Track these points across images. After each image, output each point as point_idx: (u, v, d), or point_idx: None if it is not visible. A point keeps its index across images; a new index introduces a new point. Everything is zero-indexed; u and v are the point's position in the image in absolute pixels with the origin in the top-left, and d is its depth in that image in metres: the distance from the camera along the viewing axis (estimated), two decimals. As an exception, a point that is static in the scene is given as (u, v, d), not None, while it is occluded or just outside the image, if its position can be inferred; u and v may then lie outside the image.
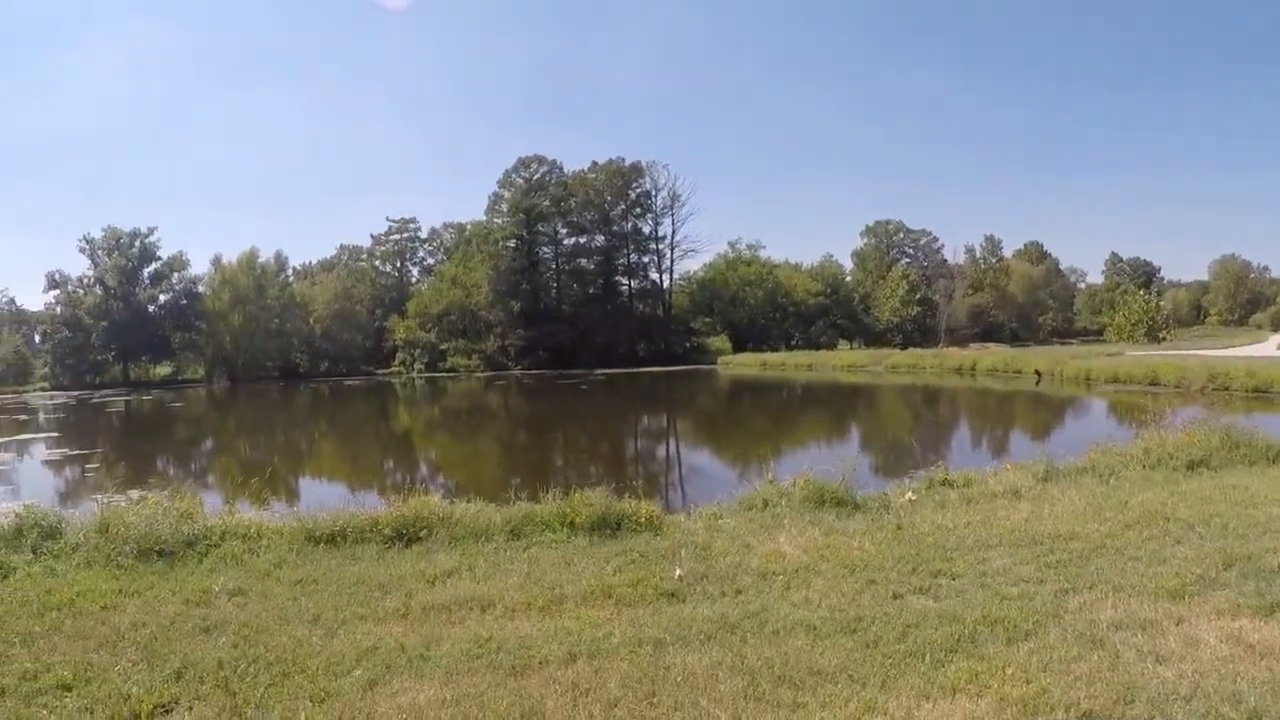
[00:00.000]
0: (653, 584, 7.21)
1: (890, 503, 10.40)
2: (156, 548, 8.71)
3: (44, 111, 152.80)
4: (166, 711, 5.05)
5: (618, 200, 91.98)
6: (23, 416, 48.56)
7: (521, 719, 4.80)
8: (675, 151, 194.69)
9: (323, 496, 15.05)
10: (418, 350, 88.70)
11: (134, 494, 14.89)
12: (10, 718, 4.93)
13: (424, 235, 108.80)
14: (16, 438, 35.29)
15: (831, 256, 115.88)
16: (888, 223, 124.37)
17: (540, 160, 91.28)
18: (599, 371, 71.75)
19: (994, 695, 4.89)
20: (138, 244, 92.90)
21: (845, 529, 9.03)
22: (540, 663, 5.59)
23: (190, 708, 5.06)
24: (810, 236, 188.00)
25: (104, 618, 6.83)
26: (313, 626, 6.45)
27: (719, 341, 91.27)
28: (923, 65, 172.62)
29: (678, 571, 7.45)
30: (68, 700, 5.21)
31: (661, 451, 27.24)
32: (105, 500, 13.91)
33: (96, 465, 24.24)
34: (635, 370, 72.86)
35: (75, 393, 76.26)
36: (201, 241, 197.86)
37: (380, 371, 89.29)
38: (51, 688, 5.41)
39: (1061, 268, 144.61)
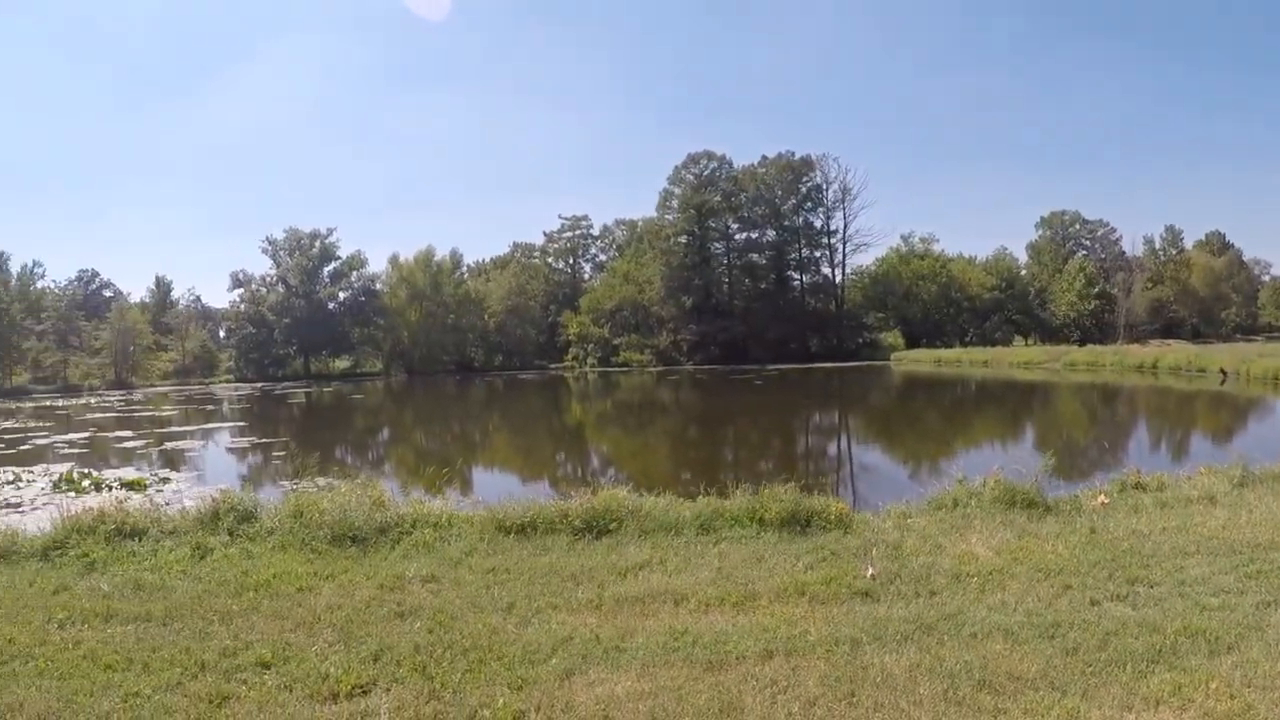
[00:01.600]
0: (845, 582, 8.19)
1: (1082, 505, 11.48)
2: (350, 534, 10.25)
3: (231, 121, 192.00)
4: (364, 692, 6.02)
5: (788, 194, 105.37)
6: (210, 406, 58.34)
7: (720, 714, 5.49)
8: (841, 145, 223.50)
9: (496, 487, 16.83)
10: (590, 345, 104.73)
11: (321, 481, 16.50)
12: (212, 692, 6.09)
13: (595, 232, 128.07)
14: (205, 426, 43.00)
15: (1005, 249, 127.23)
16: (1063, 213, 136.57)
17: (709, 156, 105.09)
18: (771, 367, 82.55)
19: (1198, 709, 5.32)
20: (318, 244, 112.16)
21: (1037, 531, 10.10)
22: (737, 658, 6.37)
23: (388, 689, 6.01)
24: (983, 228, 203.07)
25: (300, 599, 8.21)
26: (506, 615, 7.50)
27: (892, 337, 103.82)
28: (1095, 50, 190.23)
29: (870, 570, 8.46)
30: (267, 677, 6.32)
31: (833, 449, 30.26)
32: (295, 487, 15.28)
33: (283, 453, 28.90)
34: (807, 366, 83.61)
35: (258, 385, 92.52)
36: (379, 241, 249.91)
37: (554, 366, 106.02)
38: (251, 665, 6.55)
39: (1245, 259, 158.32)
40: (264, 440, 33.50)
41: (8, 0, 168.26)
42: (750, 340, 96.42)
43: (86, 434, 38.17)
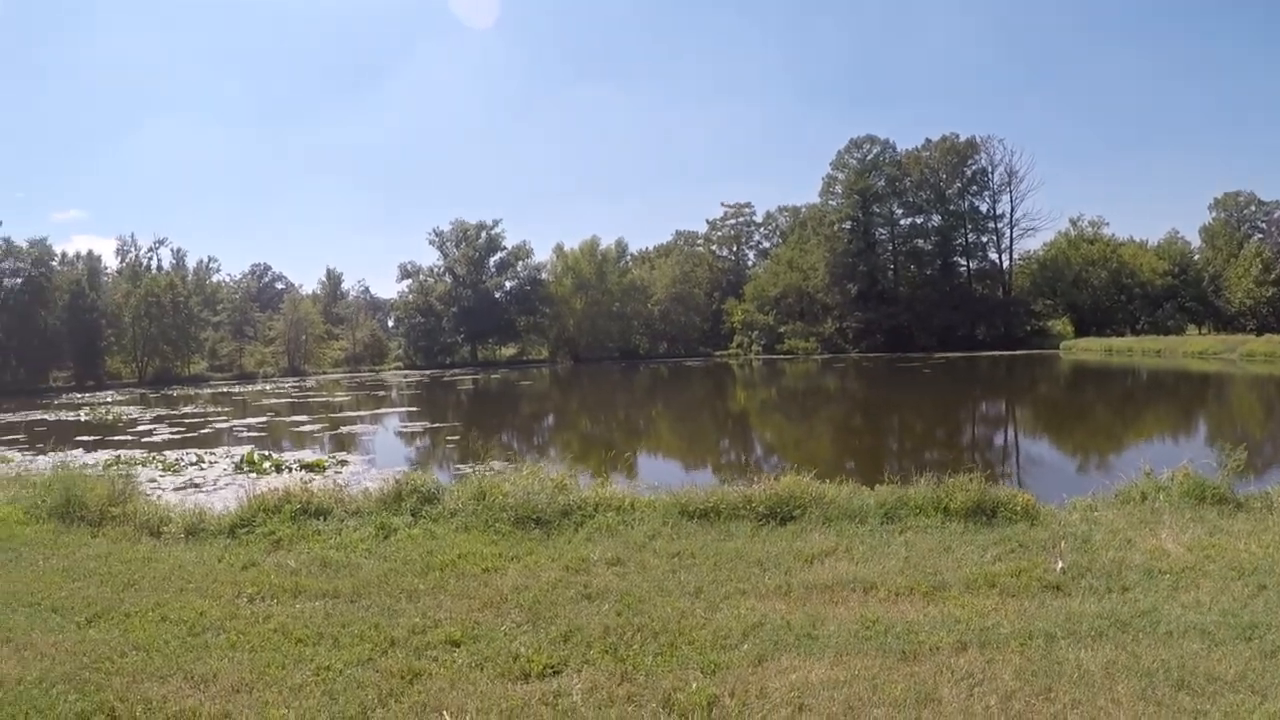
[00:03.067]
0: (1035, 575, 8.12)
1: (1274, 503, 11.06)
2: (533, 516, 10.49)
3: (396, 118, 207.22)
4: (556, 672, 6.12)
5: (953, 178, 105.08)
6: (380, 392, 61.49)
7: (916, 705, 5.43)
8: (1006, 126, 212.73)
9: (660, 473, 16.98)
10: (755, 332, 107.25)
11: (496, 465, 16.72)
12: (403, 668, 6.25)
13: (759, 219, 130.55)
14: (377, 411, 45.37)
15: (1178, 233, 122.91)
16: (1238, 194, 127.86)
17: (872, 140, 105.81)
18: (937, 355, 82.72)
19: None
20: (484, 235, 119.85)
21: (1229, 528, 9.84)
22: (930, 649, 6.31)
23: (579, 670, 6.11)
24: (1154, 211, 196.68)
25: (486, 580, 8.40)
26: (694, 599, 7.56)
27: (1060, 325, 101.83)
28: (1273, 22, 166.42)
29: (1059, 564, 8.34)
30: (457, 655, 6.47)
31: (1000, 439, 30.10)
32: (472, 470, 15.61)
33: (456, 437, 29.94)
34: (974, 354, 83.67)
35: (427, 371, 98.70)
36: (544, 231, 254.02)
37: (718, 353, 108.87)
38: (440, 643, 6.72)
39: None
40: (436, 425, 34.62)
41: (181, 18, 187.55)
42: (916, 327, 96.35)
43: (264, 418, 40.52)
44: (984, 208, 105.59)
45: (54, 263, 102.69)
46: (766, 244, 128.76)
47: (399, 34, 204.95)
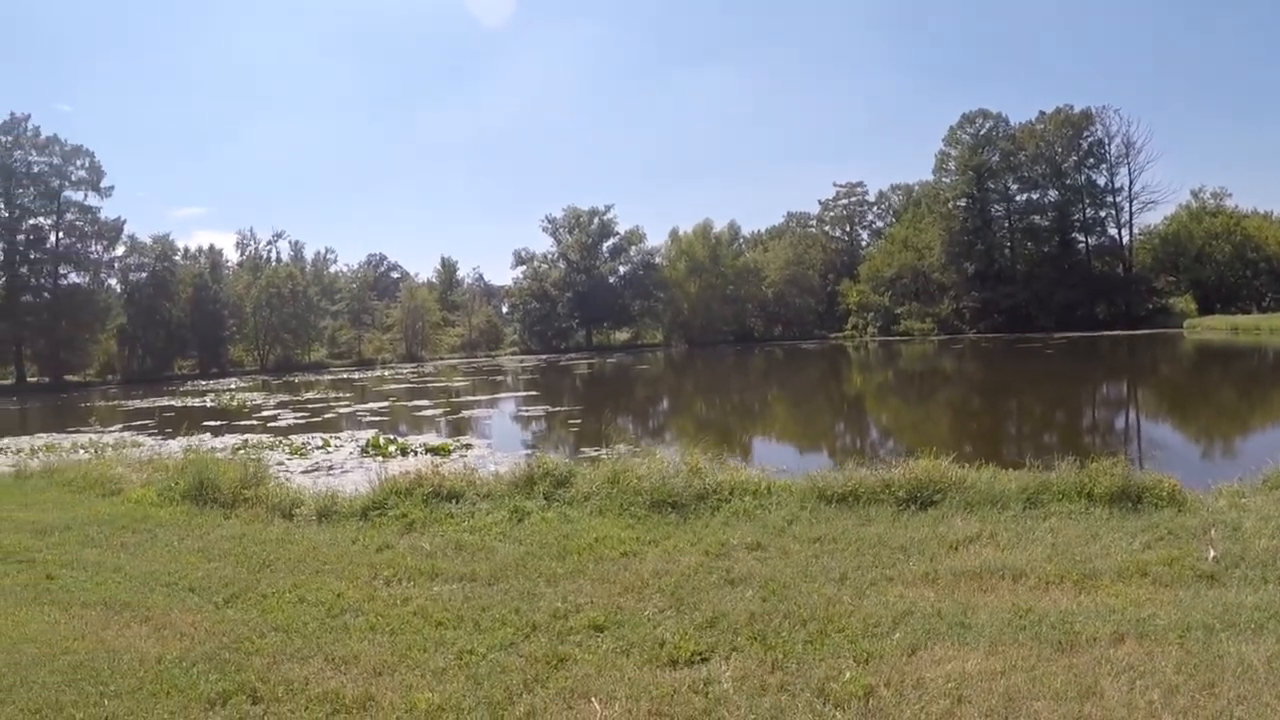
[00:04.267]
0: (1187, 564, 7.81)
1: None
2: (669, 500, 10.41)
3: (507, 106, 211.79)
4: (704, 659, 6.00)
5: (1069, 151, 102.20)
6: (498, 377, 62.74)
7: (1078, 698, 5.23)
8: (1121, 96, 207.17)
9: (776, 456, 16.71)
10: (870, 314, 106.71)
11: (620, 448, 16.84)
12: (547, 653, 6.19)
13: (871, 198, 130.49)
14: (496, 396, 46.53)
15: None
16: None
17: (985, 114, 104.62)
18: (1057, 335, 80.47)
19: None
20: (596, 220, 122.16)
21: None
22: (1087, 640, 6.09)
23: (727, 657, 5.98)
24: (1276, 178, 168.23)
25: (625, 564, 8.33)
26: (840, 585, 7.43)
27: (1183, 303, 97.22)
28: None
29: (1211, 553, 8.08)
30: (601, 640, 6.40)
31: (1120, 422, 29.23)
32: (599, 453, 15.60)
33: (578, 421, 30.22)
34: (1094, 334, 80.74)
35: (543, 356, 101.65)
36: (656, 216, 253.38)
37: (833, 335, 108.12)
38: (583, 627, 6.65)
39: None
40: (555, 409, 34.90)
41: (292, 12, 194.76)
42: (1034, 307, 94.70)
43: (384, 403, 41.51)
44: (1101, 181, 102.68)
45: (177, 257, 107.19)
46: (880, 223, 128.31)
47: (509, 20, 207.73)
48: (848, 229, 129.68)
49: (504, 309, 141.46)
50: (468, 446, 22.22)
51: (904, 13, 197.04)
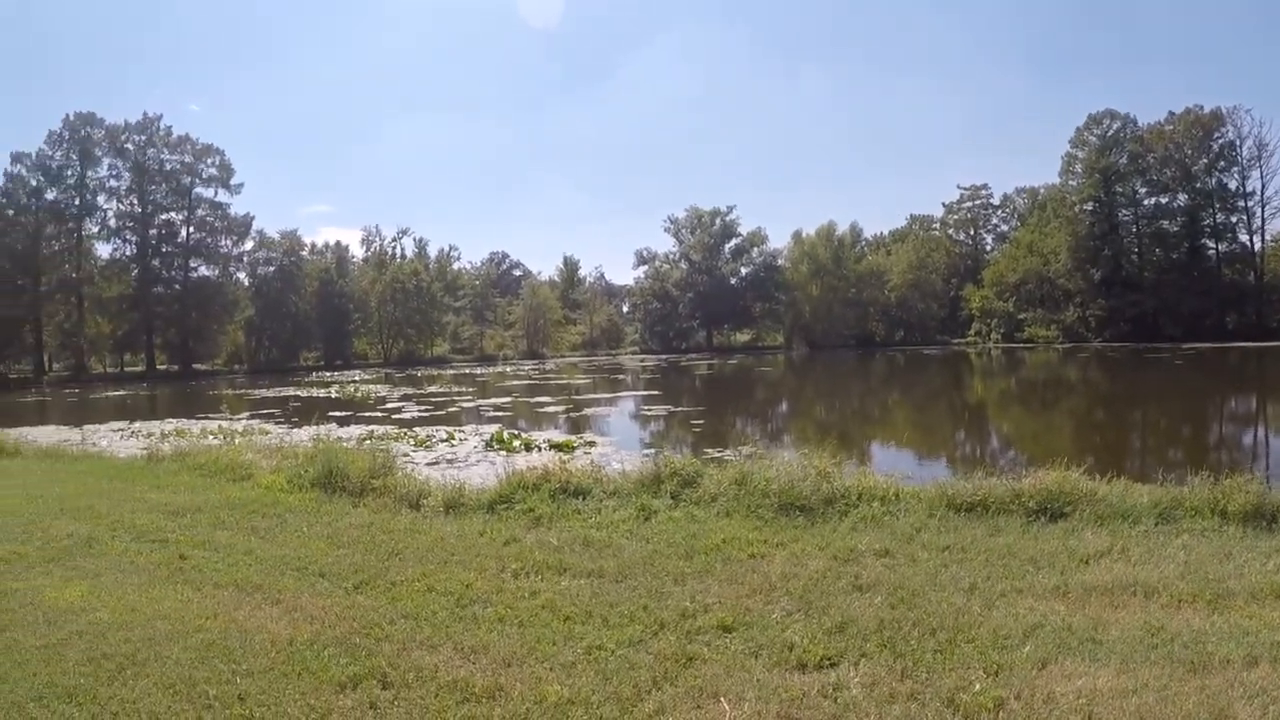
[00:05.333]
0: None
1: None
2: (797, 503, 10.38)
3: (628, 108, 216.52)
4: (833, 664, 5.96)
5: (1199, 154, 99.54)
6: (619, 376, 64.06)
7: None
8: (1253, 94, 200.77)
9: (893, 463, 16.32)
10: (994, 320, 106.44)
11: (743, 450, 16.66)
12: (676, 651, 6.20)
13: (996, 202, 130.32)
14: (617, 394, 47.29)
15: None
16: None
17: (1112, 115, 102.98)
18: (1185, 345, 79.14)
19: None
20: (718, 222, 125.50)
21: None
22: (1220, 662, 5.90)
23: (855, 663, 5.95)
24: None
25: (753, 566, 8.31)
26: (969, 595, 7.34)
27: None
28: None
29: None
30: (730, 641, 6.40)
31: (1249, 439, 27.98)
32: (722, 454, 15.61)
33: (700, 421, 30.42)
34: (1223, 345, 78.99)
35: (663, 356, 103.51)
36: (776, 217, 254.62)
37: (955, 341, 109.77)
38: (712, 628, 6.65)
39: None
40: (677, 409, 35.09)
41: (421, 20, 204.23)
42: (1161, 315, 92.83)
43: (506, 399, 42.43)
44: (1233, 185, 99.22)
45: (304, 252, 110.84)
46: (1004, 227, 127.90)
47: (633, 23, 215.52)
48: (972, 232, 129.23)
49: (624, 308, 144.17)
50: (591, 443, 22.45)
51: (1029, 10, 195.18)
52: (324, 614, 7.17)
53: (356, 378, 71.56)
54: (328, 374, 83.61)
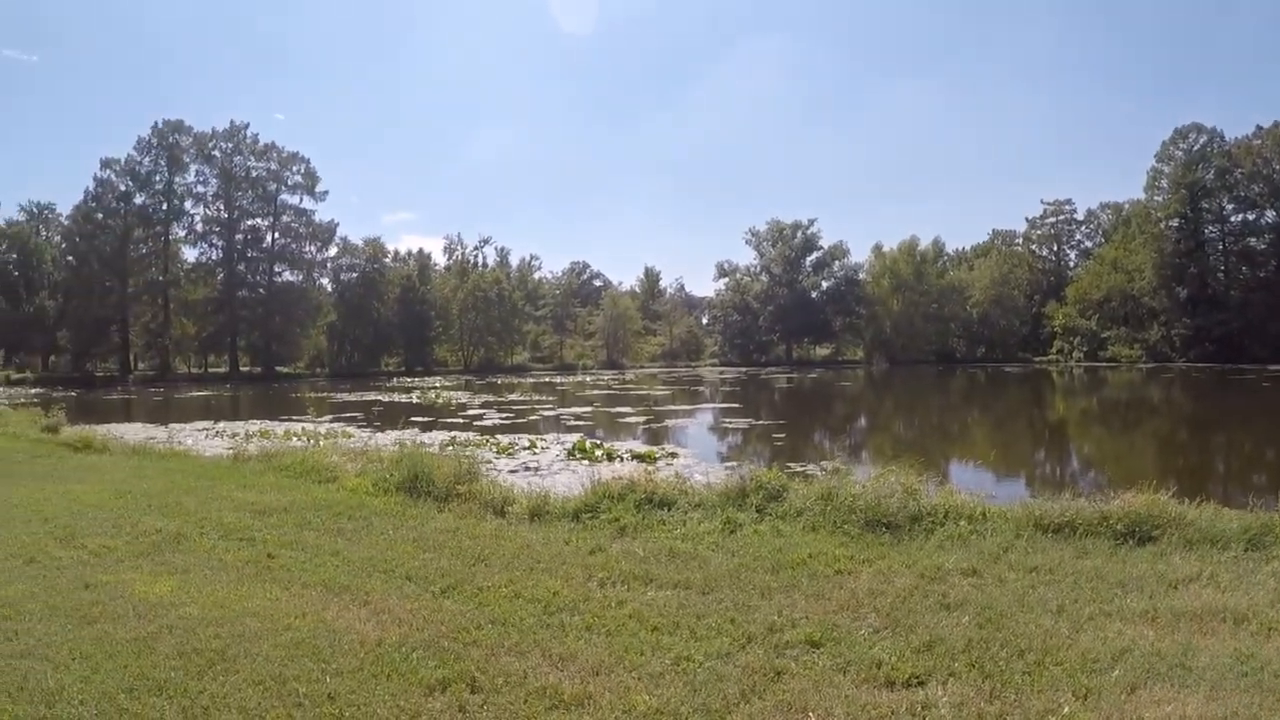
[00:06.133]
0: None
1: None
2: (883, 520, 10.34)
3: (709, 119, 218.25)
4: (920, 683, 5.94)
5: None
6: (698, 388, 64.08)
7: None
8: None
9: (971, 481, 16.08)
10: (1076, 338, 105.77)
11: (826, 465, 16.68)
12: (764, 665, 6.21)
13: (1080, 217, 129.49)
14: (698, 406, 47.00)
15: None
16: None
17: (1198, 129, 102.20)
18: (1272, 367, 77.68)
19: None
20: (799, 234, 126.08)
21: None
22: None
23: (944, 682, 5.92)
24: None
25: (839, 582, 8.30)
26: (1057, 617, 7.27)
27: None
28: None
29: None
30: (817, 657, 6.39)
31: None
32: (804, 468, 15.61)
33: (781, 435, 30.55)
34: None
35: (743, 369, 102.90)
36: (857, 231, 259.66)
37: (1037, 359, 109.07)
38: (799, 642, 6.65)
39: None
40: (758, 422, 35.21)
41: (503, 33, 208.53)
42: (1248, 336, 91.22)
43: (586, 408, 42.75)
44: None
45: (386, 259, 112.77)
46: (1088, 243, 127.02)
47: (713, 34, 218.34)
48: (1055, 248, 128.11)
49: (704, 320, 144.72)
50: (673, 455, 22.46)
51: (1111, 22, 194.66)
52: (411, 617, 7.27)
53: (437, 384, 72.63)
54: (408, 379, 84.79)
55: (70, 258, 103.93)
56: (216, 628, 7.04)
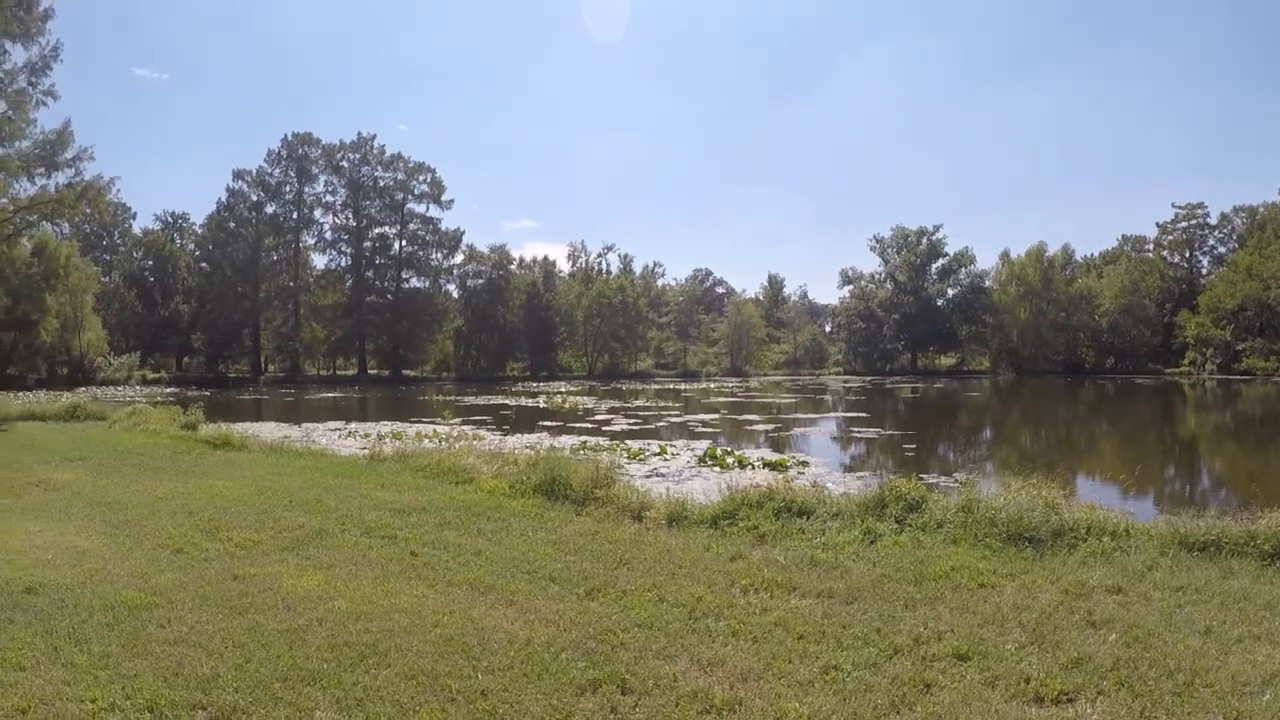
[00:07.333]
0: None
1: None
2: (1026, 534, 10.23)
3: (829, 125, 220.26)
4: (1070, 700, 5.89)
5: None
6: (822, 396, 63.92)
7: None
8: None
9: (1100, 496, 15.98)
10: (1209, 349, 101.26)
11: (959, 476, 16.46)
12: (913, 677, 6.20)
13: (1213, 222, 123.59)
14: (824, 415, 46.92)
15: None
16: None
17: None
18: None
19: None
20: (924, 241, 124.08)
21: None
22: None
23: (1093, 701, 5.87)
24: None
25: (983, 595, 8.25)
26: (1205, 638, 7.13)
27: None
28: None
29: None
30: (966, 670, 6.37)
31: None
32: (939, 480, 15.41)
33: (911, 445, 30.17)
34: None
35: (867, 378, 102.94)
36: (978, 237, 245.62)
37: (1168, 370, 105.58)
38: (946, 655, 6.64)
39: None
40: (886, 432, 34.79)
41: (622, 40, 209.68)
42: None
43: (713, 415, 42.72)
44: None
45: (512, 266, 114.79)
46: (1222, 249, 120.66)
47: (831, 40, 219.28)
48: (1187, 254, 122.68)
49: (827, 328, 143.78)
50: (804, 464, 22.32)
51: (1244, 19, 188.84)
52: (558, 618, 7.42)
53: (562, 389, 73.50)
54: (533, 384, 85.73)
55: (204, 264, 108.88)
56: (365, 622, 7.30)
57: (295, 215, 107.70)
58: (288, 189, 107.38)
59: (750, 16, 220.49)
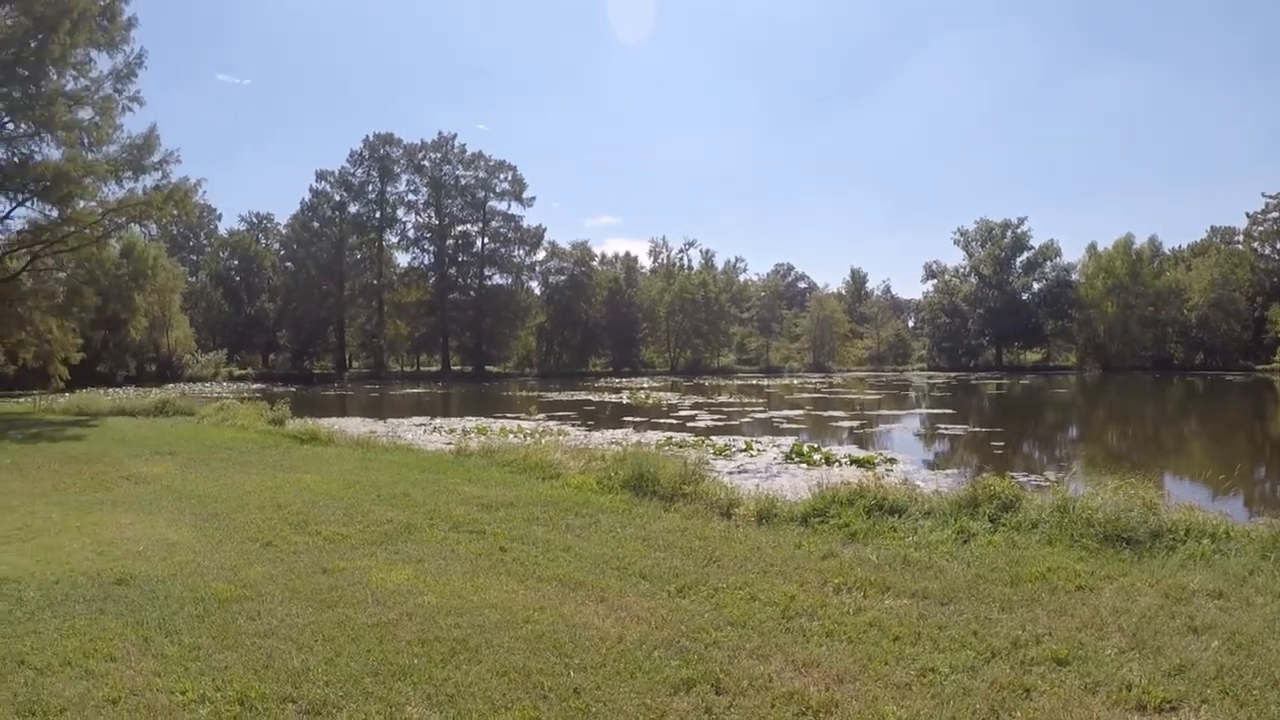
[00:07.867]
0: None
1: None
2: (1123, 535, 10.02)
3: (910, 116, 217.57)
4: (1173, 708, 5.76)
5: None
6: (907, 392, 63.18)
7: None
8: None
9: (1188, 496, 15.23)
10: None
11: (1050, 475, 16.32)
12: (1012, 681, 6.07)
13: None
14: (910, 411, 46.15)
15: None
16: None
17: None
18: None
19: None
20: (1009, 234, 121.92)
21: None
22: None
23: (1197, 709, 5.72)
24: None
25: (1081, 598, 8.07)
26: None
27: None
28: None
29: None
30: (1065, 675, 6.23)
31: None
32: (1030, 479, 15.24)
33: (1000, 443, 29.40)
34: None
35: (951, 374, 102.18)
36: (1064, 228, 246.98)
37: (1259, 366, 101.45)
38: (1045, 659, 6.50)
39: None
40: (974, 429, 34.22)
41: (699, 37, 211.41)
42: None
43: (797, 411, 42.57)
44: None
45: (594, 263, 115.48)
46: None
47: (906, 32, 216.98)
48: (1278, 246, 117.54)
49: (910, 323, 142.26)
50: (892, 460, 22.06)
51: None
52: (649, 615, 7.42)
53: (645, 384, 73.93)
54: (616, 380, 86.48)
55: (289, 263, 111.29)
56: (456, 617, 7.36)
57: (378, 214, 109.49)
58: (370, 189, 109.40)
59: (816, 14, 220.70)
